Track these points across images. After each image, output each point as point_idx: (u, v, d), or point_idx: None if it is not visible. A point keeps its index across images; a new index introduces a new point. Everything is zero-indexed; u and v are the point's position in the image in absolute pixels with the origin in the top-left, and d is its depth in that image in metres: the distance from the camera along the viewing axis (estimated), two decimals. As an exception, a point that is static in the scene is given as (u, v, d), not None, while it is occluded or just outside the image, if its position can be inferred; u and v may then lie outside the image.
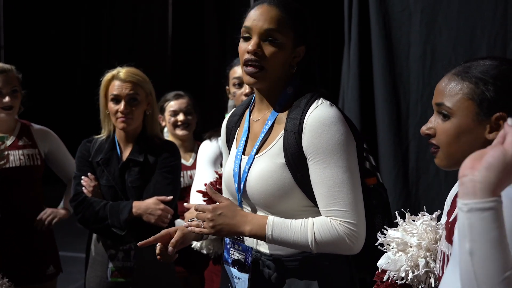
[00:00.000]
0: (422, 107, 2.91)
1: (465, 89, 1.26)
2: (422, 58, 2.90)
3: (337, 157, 1.54)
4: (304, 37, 1.66)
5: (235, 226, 1.58)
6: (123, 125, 2.50)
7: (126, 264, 2.49)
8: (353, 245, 1.54)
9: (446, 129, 1.28)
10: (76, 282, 4.81)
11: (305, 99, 1.62)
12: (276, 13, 1.62)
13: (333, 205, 1.55)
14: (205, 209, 1.60)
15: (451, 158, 1.29)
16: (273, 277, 1.68)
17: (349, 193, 1.54)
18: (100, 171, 2.56)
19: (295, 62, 1.66)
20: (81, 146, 2.64)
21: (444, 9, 2.85)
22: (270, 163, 1.62)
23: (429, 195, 2.89)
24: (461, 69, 1.29)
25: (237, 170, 1.69)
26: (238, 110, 1.84)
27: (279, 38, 1.61)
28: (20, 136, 2.90)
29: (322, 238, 1.53)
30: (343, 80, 3.33)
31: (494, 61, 1.28)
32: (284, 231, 1.55)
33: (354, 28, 3.10)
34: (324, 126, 1.55)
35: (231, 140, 1.82)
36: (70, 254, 5.23)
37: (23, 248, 2.85)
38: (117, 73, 2.53)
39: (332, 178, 1.54)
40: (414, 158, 2.94)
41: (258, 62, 1.61)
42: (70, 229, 4.45)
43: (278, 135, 1.64)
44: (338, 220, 1.54)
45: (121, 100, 2.49)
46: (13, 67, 2.89)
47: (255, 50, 1.60)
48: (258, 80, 1.63)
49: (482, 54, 2.73)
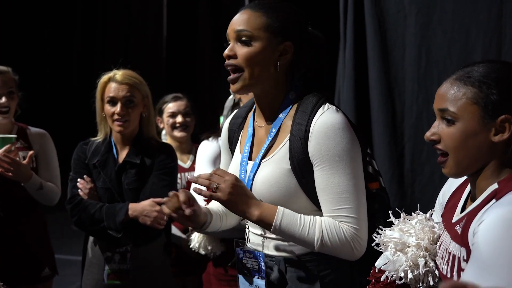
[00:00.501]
0: (418, 109, 2.92)
1: (469, 94, 1.26)
2: (417, 60, 2.91)
3: (343, 163, 1.55)
4: (285, 33, 1.62)
5: (246, 205, 1.56)
6: (120, 129, 2.50)
7: (122, 266, 2.49)
8: (356, 251, 1.56)
9: (452, 134, 1.29)
10: (71, 285, 4.79)
11: (311, 104, 1.61)
12: (249, 14, 1.62)
13: (339, 211, 1.55)
14: (226, 176, 1.55)
15: (460, 164, 1.30)
16: (275, 279, 1.68)
17: (355, 200, 1.55)
18: (97, 173, 2.55)
19: (284, 60, 1.63)
20: (78, 149, 2.63)
21: (439, 11, 2.86)
22: (275, 169, 1.62)
23: (424, 196, 2.90)
24: (462, 73, 1.30)
25: (244, 176, 1.69)
26: (241, 112, 1.83)
27: (250, 37, 1.59)
28: (17, 138, 2.88)
29: (330, 238, 1.54)
30: (339, 81, 3.34)
31: (493, 64, 1.29)
32: (292, 223, 1.55)
33: (350, 30, 3.11)
34: (331, 133, 1.55)
35: (234, 143, 1.81)
36: (65, 256, 5.20)
37: (19, 250, 2.84)
38: (113, 75, 2.52)
39: (338, 185, 1.55)
40: (409, 160, 2.94)
41: (235, 65, 1.61)
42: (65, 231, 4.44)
43: (284, 141, 1.63)
44: (345, 224, 1.55)
45: (117, 102, 2.49)
46: (10, 69, 2.87)
47: (228, 54, 1.62)
48: (241, 86, 1.62)
49: (477, 56, 2.75)
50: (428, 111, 2.89)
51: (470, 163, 1.28)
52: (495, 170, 1.27)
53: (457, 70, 1.33)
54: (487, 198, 1.24)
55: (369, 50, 3.03)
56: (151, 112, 2.62)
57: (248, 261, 1.74)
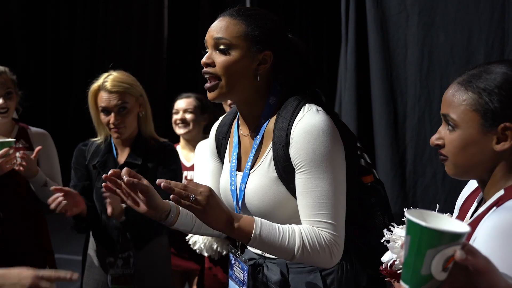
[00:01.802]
0: (419, 110, 2.90)
1: (469, 100, 1.23)
2: (419, 60, 2.90)
3: (322, 168, 1.51)
4: (265, 42, 1.58)
5: (225, 215, 1.45)
6: (117, 135, 2.49)
7: (126, 271, 2.47)
8: (334, 258, 1.52)
9: (453, 140, 1.26)
10: (71, 285, 4.78)
11: (291, 108, 1.57)
12: (227, 21, 1.58)
13: (317, 216, 1.51)
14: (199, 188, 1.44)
15: (459, 168, 1.28)
16: (278, 281, 1.67)
17: (333, 206, 1.51)
18: (96, 174, 2.54)
19: (263, 69, 1.59)
20: (76, 151, 2.62)
21: (441, 11, 2.84)
22: (263, 178, 1.59)
23: (426, 198, 2.89)
24: (466, 77, 1.26)
25: (234, 187, 1.66)
26: (227, 120, 1.80)
27: (228, 45, 1.56)
28: (17, 138, 2.88)
29: (310, 245, 1.49)
30: (340, 82, 3.33)
31: (501, 67, 1.24)
32: (272, 233, 1.48)
33: (351, 31, 3.10)
34: (310, 137, 1.51)
35: (222, 152, 1.78)
36: (65, 256, 5.20)
37: (19, 249, 2.84)
38: (102, 84, 2.47)
39: (317, 189, 1.51)
40: (411, 161, 2.93)
41: (213, 74, 1.58)
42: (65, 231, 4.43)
43: (268, 149, 1.60)
44: (324, 231, 1.51)
45: (110, 112, 2.46)
46: (7, 69, 2.86)
47: (206, 61, 1.58)
48: (218, 94, 1.59)
49: (480, 57, 2.73)
50: (430, 112, 2.88)
51: (471, 168, 1.26)
52: (503, 176, 1.24)
53: (463, 72, 1.30)
54: (492, 204, 1.22)
55: (370, 50, 3.02)
56: (148, 110, 2.59)
57: (237, 270, 1.73)
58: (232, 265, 1.76)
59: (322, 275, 1.64)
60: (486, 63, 1.28)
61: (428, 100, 2.86)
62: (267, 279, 1.68)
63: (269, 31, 1.60)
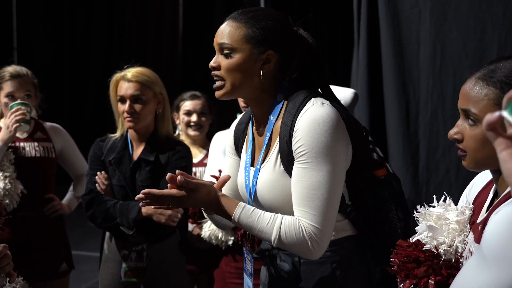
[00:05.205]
0: (432, 106, 2.89)
1: (491, 95, 1.23)
2: (431, 56, 2.88)
3: (319, 160, 1.53)
4: (267, 42, 1.62)
5: (204, 200, 1.58)
6: (130, 124, 2.53)
7: (139, 264, 2.52)
8: (314, 250, 1.53)
9: (474, 135, 1.26)
10: (88, 281, 4.85)
11: (297, 103, 1.61)
12: (230, 26, 1.64)
13: (304, 206, 1.53)
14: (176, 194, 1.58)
15: (478, 162, 1.28)
16: (289, 271, 1.70)
17: (324, 199, 1.52)
18: (112, 170, 2.59)
19: (267, 68, 1.64)
20: (94, 145, 2.67)
21: (454, 6, 2.82)
22: (271, 173, 1.63)
23: (439, 194, 2.86)
24: (486, 72, 1.26)
25: (248, 182, 1.71)
26: (245, 118, 1.85)
27: (231, 49, 1.62)
28: (34, 131, 2.96)
29: (286, 238, 1.53)
30: (353, 78, 3.33)
31: None
32: (250, 219, 1.56)
33: (363, 27, 3.09)
34: (310, 127, 1.54)
35: (240, 148, 1.83)
36: (82, 253, 5.27)
37: (37, 246, 2.89)
38: (124, 74, 2.55)
39: (310, 180, 1.53)
40: (424, 157, 2.92)
41: (219, 76, 1.66)
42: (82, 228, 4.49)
43: (275, 144, 1.64)
44: (306, 222, 1.53)
45: (126, 101, 2.52)
46: (29, 72, 2.95)
47: (213, 65, 1.67)
48: (223, 94, 1.66)
49: (493, 52, 2.71)
50: (443, 108, 2.86)
51: (490, 161, 1.25)
52: None
53: (480, 67, 1.29)
54: (506, 195, 1.22)
55: (383, 46, 3.01)
56: (167, 109, 2.63)
57: (248, 263, 1.79)
58: (245, 258, 1.82)
59: (333, 267, 1.66)
60: (504, 58, 1.27)
61: (441, 96, 2.85)
62: (279, 269, 1.72)
63: (271, 31, 1.63)
